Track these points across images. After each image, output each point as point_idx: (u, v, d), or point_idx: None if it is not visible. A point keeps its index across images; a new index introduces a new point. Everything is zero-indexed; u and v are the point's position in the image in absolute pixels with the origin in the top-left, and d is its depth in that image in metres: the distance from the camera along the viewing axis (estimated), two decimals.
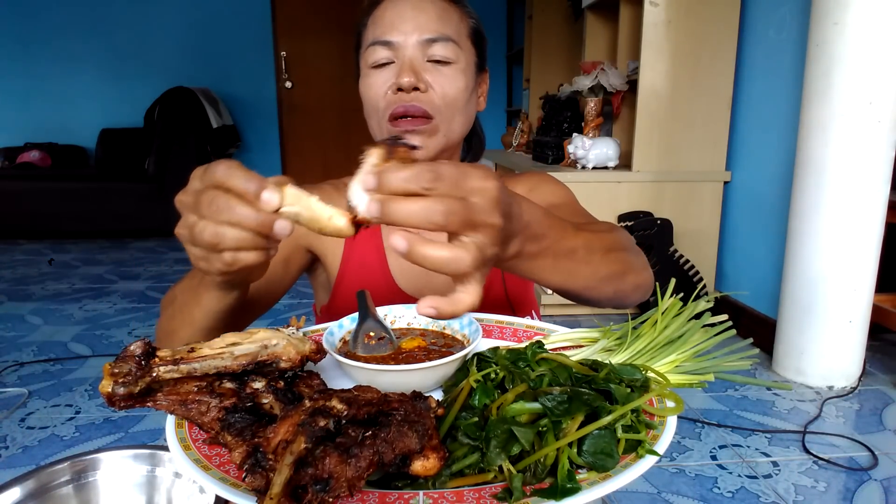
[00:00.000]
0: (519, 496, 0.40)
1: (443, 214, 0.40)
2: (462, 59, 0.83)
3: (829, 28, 1.88)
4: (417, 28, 0.80)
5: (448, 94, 0.81)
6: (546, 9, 4.43)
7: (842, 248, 1.95)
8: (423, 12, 0.81)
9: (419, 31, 0.80)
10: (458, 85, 0.82)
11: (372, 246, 0.91)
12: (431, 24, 0.81)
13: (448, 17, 0.83)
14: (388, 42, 0.81)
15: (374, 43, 0.82)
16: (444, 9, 0.83)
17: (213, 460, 0.45)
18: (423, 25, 0.80)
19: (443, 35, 0.81)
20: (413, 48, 0.80)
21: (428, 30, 0.80)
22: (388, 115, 0.81)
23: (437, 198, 0.41)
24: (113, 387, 0.47)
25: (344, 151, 5.59)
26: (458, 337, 0.67)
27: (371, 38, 0.82)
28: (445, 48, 0.81)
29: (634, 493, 1.48)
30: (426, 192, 0.41)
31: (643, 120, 2.64)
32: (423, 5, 0.81)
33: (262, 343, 0.53)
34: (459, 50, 0.83)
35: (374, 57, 0.82)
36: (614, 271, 0.64)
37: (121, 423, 1.81)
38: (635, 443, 0.45)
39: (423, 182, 0.41)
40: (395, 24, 0.81)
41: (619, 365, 0.55)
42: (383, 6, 0.83)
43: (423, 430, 0.42)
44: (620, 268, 0.66)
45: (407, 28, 0.80)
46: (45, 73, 5.27)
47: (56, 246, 4.44)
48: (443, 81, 0.81)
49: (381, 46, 0.81)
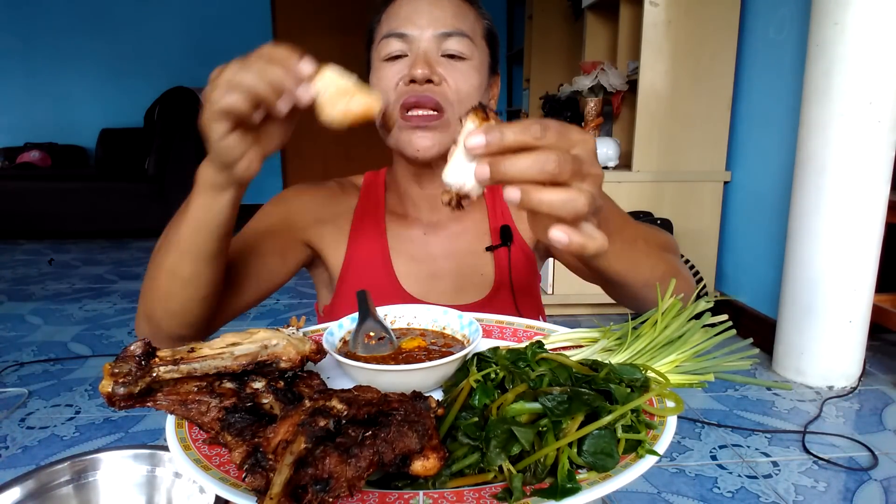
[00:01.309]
0: (519, 496, 0.40)
1: (556, 163, 0.41)
2: (476, 56, 0.82)
3: (829, 28, 1.88)
4: (433, 22, 0.79)
5: (461, 90, 0.80)
6: (546, 9, 4.43)
7: (842, 248, 1.95)
8: (439, 7, 0.80)
9: (434, 25, 0.79)
10: (472, 81, 0.81)
11: (376, 246, 0.90)
12: (448, 18, 0.80)
13: (464, 15, 0.82)
14: (403, 34, 0.80)
15: (389, 35, 0.80)
16: (459, 6, 0.82)
17: (213, 460, 0.45)
18: (439, 19, 0.79)
19: (458, 30, 0.80)
20: (428, 41, 0.79)
21: (444, 24, 0.79)
22: (399, 105, 0.79)
23: (546, 150, 0.42)
24: (113, 387, 0.47)
25: (344, 151, 5.58)
26: (458, 337, 0.67)
27: (385, 31, 0.81)
28: (461, 43, 0.80)
29: (634, 493, 1.48)
30: (536, 142, 0.42)
31: (643, 120, 2.64)
32: (440, 1, 0.80)
33: (263, 343, 0.53)
34: (474, 47, 0.82)
35: (387, 49, 0.81)
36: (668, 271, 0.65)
37: (121, 423, 1.81)
38: (635, 443, 0.45)
39: (534, 132, 0.41)
40: (410, 17, 0.80)
41: (618, 365, 0.55)
42: (398, 2, 0.82)
43: (423, 430, 0.42)
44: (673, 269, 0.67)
45: (422, 22, 0.79)
46: (46, 72, 5.27)
47: (56, 246, 4.44)
48: (457, 76, 0.80)
49: (396, 39, 0.80)
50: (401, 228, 0.92)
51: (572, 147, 0.44)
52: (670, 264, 0.68)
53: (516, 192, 0.42)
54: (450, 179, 0.45)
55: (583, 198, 0.43)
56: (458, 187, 0.45)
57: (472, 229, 0.93)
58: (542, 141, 0.42)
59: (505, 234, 0.91)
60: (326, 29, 5.38)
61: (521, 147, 0.42)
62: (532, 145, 0.42)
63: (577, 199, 0.42)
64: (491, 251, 0.92)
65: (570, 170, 0.42)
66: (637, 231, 0.63)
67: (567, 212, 0.43)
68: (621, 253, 0.58)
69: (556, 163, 0.41)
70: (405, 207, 0.93)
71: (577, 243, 0.44)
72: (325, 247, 0.91)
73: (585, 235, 0.45)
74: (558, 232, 0.44)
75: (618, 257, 0.58)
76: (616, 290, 0.68)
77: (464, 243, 0.92)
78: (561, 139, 0.43)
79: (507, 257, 0.90)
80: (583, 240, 0.45)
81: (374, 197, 0.94)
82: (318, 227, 0.90)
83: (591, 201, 0.43)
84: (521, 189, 0.42)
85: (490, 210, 0.95)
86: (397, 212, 0.94)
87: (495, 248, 0.91)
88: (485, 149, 0.42)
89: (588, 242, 0.45)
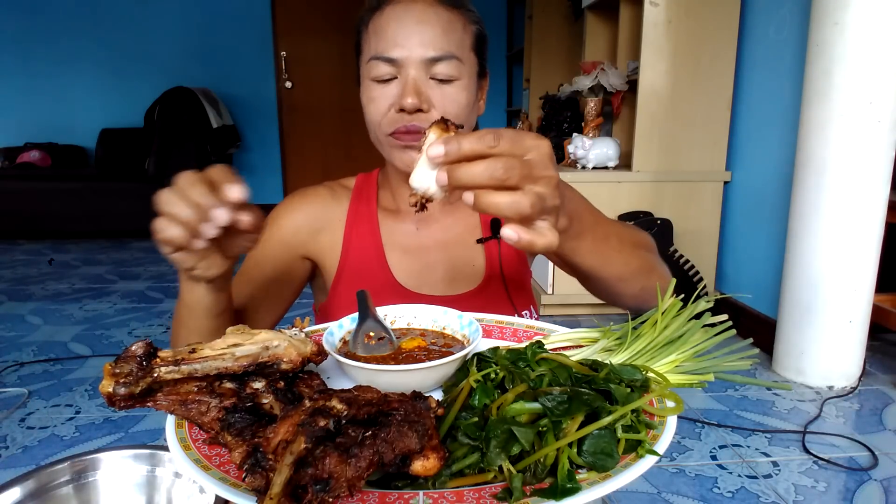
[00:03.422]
0: (519, 496, 0.40)
1: (504, 170, 0.45)
2: (465, 73, 0.82)
3: (829, 28, 1.88)
4: (421, 44, 0.78)
5: (450, 113, 0.80)
6: (546, 9, 4.43)
7: (842, 248, 1.95)
8: (427, 26, 0.78)
9: (423, 48, 0.78)
10: (461, 102, 0.81)
11: (370, 241, 0.92)
12: (437, 40, 0.78)
13: (452, 30, 0.80)
14: (391, 59, 0.79)
15: (377, 58, 0.79)
16: (448, 21, 0.80)
17: (213, 460, 0.45)
18: (428, 42, 0.78)
19: (447, 53, 0.79)
20: (416, 67, 0.79)
21: (432, 47, 0.78)
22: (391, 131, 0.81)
23: (497, 157, 0.46)
24: (114, 387, 0.48)
25: (344, 151, 5.59)
26: (458, 337, 0.67)
27: (373, 51, 0.80)
28: (449, 66, 0.79)
29: (634, 493, 1.49)
30: (489, 150, 0.46)
31: (643, 120, 2.64)
32: (427, 16, 0.79)
33: (264, 344, 0.53)
34: (462, 66, 0.81)
35: (375, 72, 0.80)
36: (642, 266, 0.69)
37: (121, 423, 1.81)
38: (635, 443, 0.45)
39: (488, 142, 0.46)
40: (397, 39, 0.78)
41: (619, 365, 0.55)
42: (386, 15, 0.80)
43: (423, 430, 0.42)
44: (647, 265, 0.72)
45: (410, 44, 0.78)
46: (45, 72, 5.27)
47: (56, 246, 4.44)
48: (445, 101, 0.80)
49: (384, 63, 0.79)
50: (393, 223, 0.94)
51: (526, 153, 0.47)
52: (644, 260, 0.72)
53: (470, 196, 0.46)
54: (416, 184, 0.50)
55: (527, 199, 0.46)
56: (422, 191, 0.50)
57: (464, 221, 0.95)
58: (496, 149, 0.46)
59: (496, 227, 0.93)
60: (326, 29, 5.38)
61: (477, 155, 0.46)
62: (486, 153, 0.46)
63: (520, 201, 0.46)
64: (482, 243, 0.94)
65: (518, 174, 0.46)
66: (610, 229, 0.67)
67: (513, 212, 0.46)
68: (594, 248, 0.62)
69: (503, 169, 0.45)
70: (397, 203, 0.95)
71: (525, 240, 0.48)
72: (321, 253, 0.93)
73: (535, 233, 0.49)
74: (507, 230, 0.48)
75: (590, 252, 0.62)
76: (590, 283, 0.72)
77: (455, 235, 0.94)
78: (514, 146, 0.47)
79: (498, 249, 0.93)
80: (531, 237, 0.48)
81: (366, 196, 0.96)
82: (313, 238, 0.93)
83: (538, 202, 0.47)
84: (474, 193, 0.46)
85: None
86: (390, 208, 0.96)
87: (486, 241, 0.94)
88: (444, 157, 0.46)
89: (537, 239, 0.49)
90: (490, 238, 0.93)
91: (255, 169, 5.58)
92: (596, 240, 0.63)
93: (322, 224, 0.93)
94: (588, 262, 0.63)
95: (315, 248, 0.93)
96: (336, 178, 1.00)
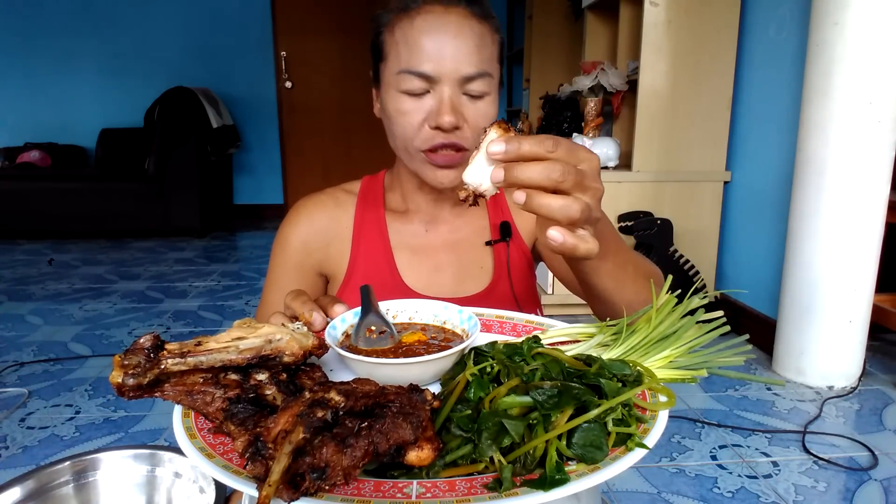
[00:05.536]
0: (508, 486, 0.41)
1: (561, 173, 0.47)
2: (493, 88, 0.82)
3: (829, 28, 1.88)
4: (457, 61, 0.77)
5: (480, 126, 0.80)
6: (546, 9, 4.44)
7: (842, 248, 1.95)
8: (462, 41, 0.77)
9: (458, 66, 0.77)
10: (490, 116, 0.81)
11: (378, 243, 0.93)
12: (472, 57, 0.77)
13: (484, 44, 0.79)
14: (426, 75, 0.77)
15: (409, 72, 0.77)
16: (480, 35, 0.79)
17: (217, 448, 0.46)
18: (463, 59, 0.77)
19: (481, 71, 0.78)
20: (451, 84, 0.78)
21: (468, 63, 0.77)
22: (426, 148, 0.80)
23: (554, 161, 0.48)
24: (123, 378, 0.49)
25: (344, 151, 5.60)
26: (458, 332, 0.67)
27: (404, 63, 0.78)
28: (482, 83, 0.79)
29: (634, 493, 1.49)
30: (547, 154, 0.48)
31: (643, 120, 2.65)
32: (462, 30, 0.77)
33: (267, 338, 0.54)
34: (492, 81, 0.81)
35: (407, 85, 0.78)
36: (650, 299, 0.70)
37: (121, 423, 1.82)
38: (626, 436, 0.46)
39: (547, 146, 0.48)
40: (432, 55, 0.76)
41: (609, 360, 0.55)
42: (418, 26, 0.77)
43: (418, 422, 0.43)
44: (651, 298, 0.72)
45: (446, 62, 0.77)
46: (45, 72, 5.28)
47: (56, 246, 4.45)
48: (476, 116, 0.80)
49: (417, 78, 0.77)
50: (402, 225, 0.95)
51: (579, 163, 0.50)
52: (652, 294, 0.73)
53: (522, 195, 0.48)
54: (469, 179, 0.52)
55: (577, 205, 0.48)
56: (475, 186, 0.52)
57: (473, 224, 0.96)
58: (553, 154, 0.48)
59: (504, 230, 0.94)
60: (326, 29, 5.39)
61: (534, 157, 0.48)
62: (544, 157, 0.48)
63: (572, 205, 0.48)
64: (490, 245, 0.94)
65: (572, 180, 0.48)
66: (629, 256, 0.70)
67: (563, 215, 0.48)
68: (612, 271, 0.65)
69: (560, 172, 0.47)
70: (406, 205, 0.96)
71: (570, 244, 0.50)
72: (332, 264, 0.95)
73: (578, 238, 0.51)
74: (554, 231, 0.50)
75: (609, 274, 0.65)
76: (599, 305, 0.73)
77: (464, 237, 0.95)
78: (569, 154, 0.49)
79: (506, 252, 0.93)
80: (575, 241, 0.50)
81: (373, 200, 0.96)
82: (324, 252, 0.94)
83: (587, 210, 0.49)
84: (527, 193, 0.48)
85: (490, 206, 0.98)
86: (398, 210, 0.96)
87: (495, 243, 0.94)
88: (503, 155, 0.48)
89: (580, 244, 0.51)
90: (499, 241, 0.94)
91: (255, 169, 5.59)
92: (616, 264, 0.65)
93: (330, 237, 0.94)
94: (604, 284, 0.65)
95: (327, 262, 0.94)
96: (336, 178, 1.00)
